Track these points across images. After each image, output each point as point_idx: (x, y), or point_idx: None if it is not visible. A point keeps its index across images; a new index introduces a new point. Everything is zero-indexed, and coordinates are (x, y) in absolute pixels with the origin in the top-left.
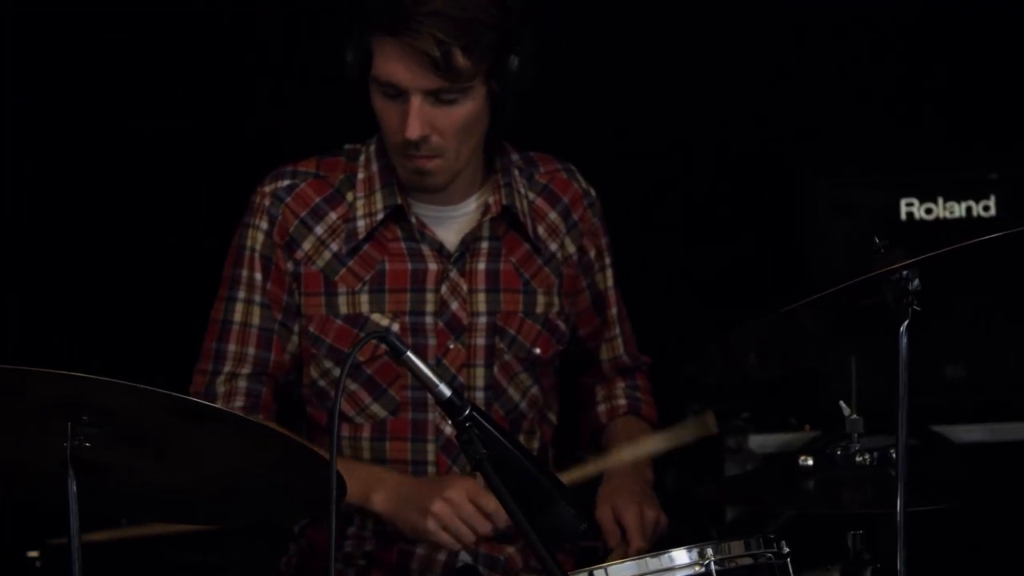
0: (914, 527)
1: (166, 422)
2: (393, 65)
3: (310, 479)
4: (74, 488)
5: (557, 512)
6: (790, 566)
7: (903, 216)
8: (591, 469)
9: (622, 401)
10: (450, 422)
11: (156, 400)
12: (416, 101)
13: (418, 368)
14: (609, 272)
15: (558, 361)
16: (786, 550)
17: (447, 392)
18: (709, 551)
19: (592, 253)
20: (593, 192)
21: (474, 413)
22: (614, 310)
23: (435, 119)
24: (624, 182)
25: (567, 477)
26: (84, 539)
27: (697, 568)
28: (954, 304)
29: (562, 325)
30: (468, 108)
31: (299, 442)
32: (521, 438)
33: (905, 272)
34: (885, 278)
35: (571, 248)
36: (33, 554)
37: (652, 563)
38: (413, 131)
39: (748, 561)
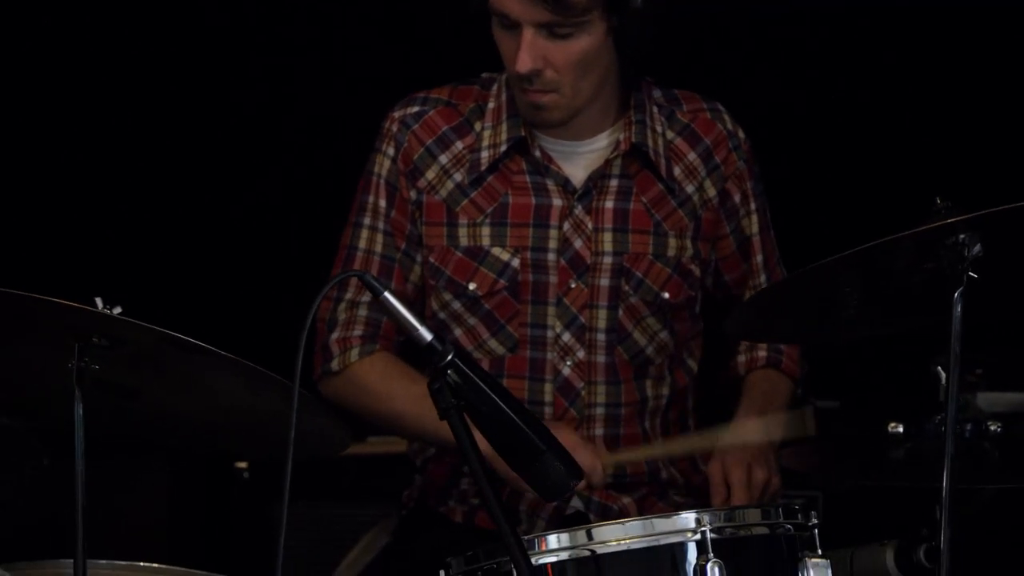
0: None
1: (170, 354)
2: None
3: (309, 420)
4: (80, 410)
5: (545, 467)
6: (817, 538)
7: None
8: (678, 446)
9: (762, 353)
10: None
11: (148, 333)
12: (528, 34)
13: (396, 310)
14: (755, 217)
15: (698, 306)
16: (813, 522)
17: (428, 336)
18: (707, 518)
19: (737, 197)
20: (741, 134)
21: (457, 360)
22: (759, 257)
23: (549, 53)
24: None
25: (652, 450)
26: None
27: (689, 535)
28: None
29: (696, 270)
30: (585, 43)
31: (285, 383)
32: (648, 384)
33: (963, 236)
34: (940, 241)
35: (711, 191)
36: (241, 465)
37: (658, 524)
38: (523, 64)
39: (763, 531)
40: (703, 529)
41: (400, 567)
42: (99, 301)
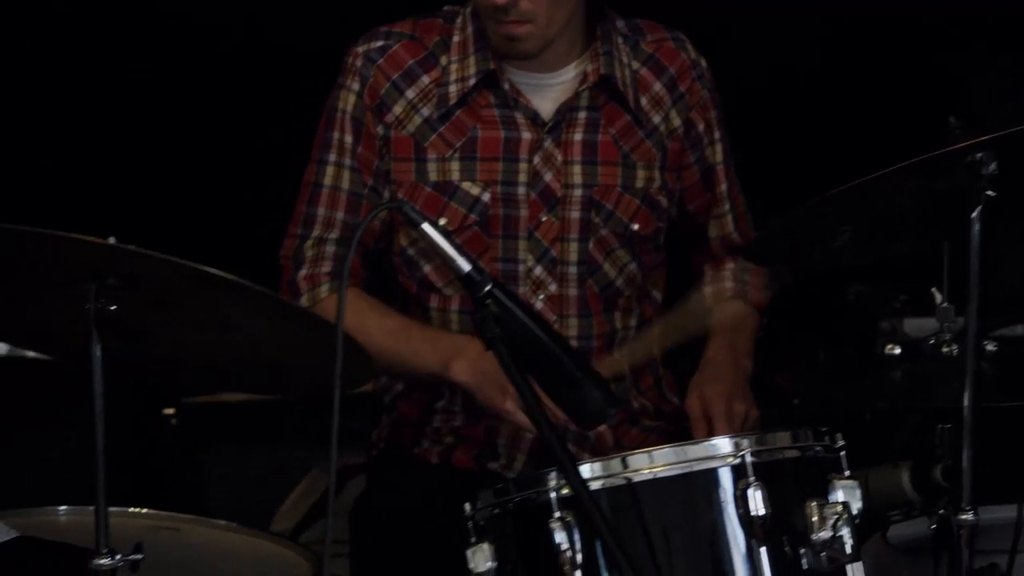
0: None
1: (188, 289)
2: None
3: (332, 350)
4: (98, 352)
5: (583, 394)
6: (844, 460)
7: None
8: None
9: (728, 284)
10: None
11: (172, 267)
12: None
13: (435, 240)
14: (719, 146)
15: (663, 237)
16: (840, 443)
17: (466, 267)
18: (746, 442)
19: (701, 126)
20: (704, 63)
21: (496, 291)
22: (723, 186)
23: None
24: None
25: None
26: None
27: (732, 460)
28: None
29: (664, 201)
30: None
31: (311, 313)
32: (617, 316)
33: (980, 155)
34: (958, 160)
35: (677, 121)
36: (169, 411)
37: (692, 451)
38: None
39: (794, 454)
40: (743, 453)
41: (379, 510)
42: (112, 240)
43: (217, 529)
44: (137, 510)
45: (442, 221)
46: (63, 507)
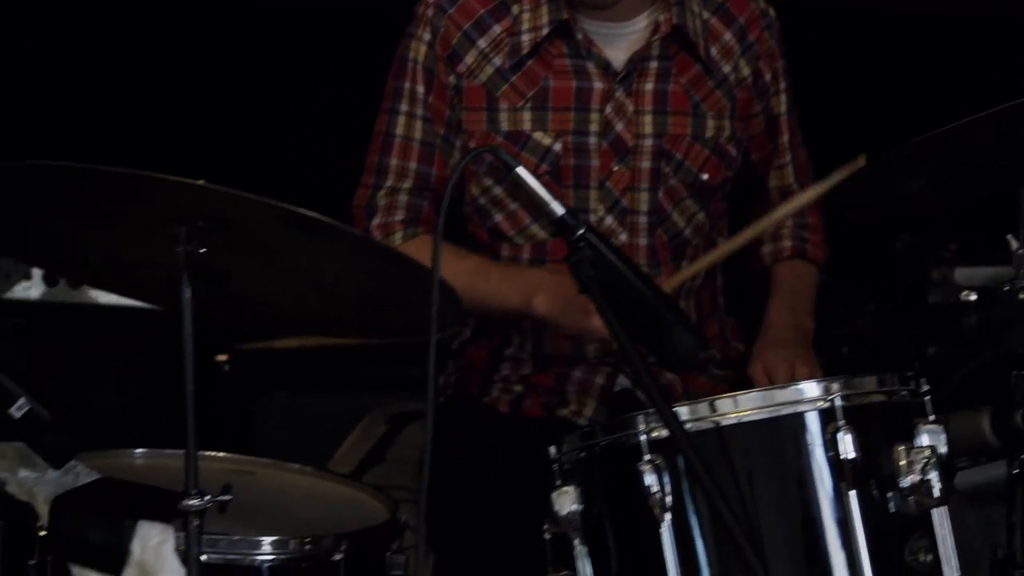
0: None
1: (277, 232)
2: None
3: (421, 293)
4: (188, 294)
5: (675, 338)
6: (928, 405)
7: None
8: (741, 239)
9: (787, 243)
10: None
11: (263, 209)
12: None
13: (529, 185)
14: (784, 96)
15: (729, 186)
16: (924, 388)
17: (560, 210)
18: (835, 386)
19: (768, 76)
20: (772, 13)
21: (589, 235)
22: (786, 136)
23: None
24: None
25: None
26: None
27: (821, 404)
28: None
29: (733, 151)
30: None
31: (403, 255)
32: (685, 265)
33: None
34: None
35: (746, 71)
36: (222, 358)
37: (779, 395)
38: None
39: (881, 398)
40: (833, 397)
41: (448, 460)
42: (203, 182)
43: (292, 473)
44: (214, 454)
45: None
46: (140, 450)
